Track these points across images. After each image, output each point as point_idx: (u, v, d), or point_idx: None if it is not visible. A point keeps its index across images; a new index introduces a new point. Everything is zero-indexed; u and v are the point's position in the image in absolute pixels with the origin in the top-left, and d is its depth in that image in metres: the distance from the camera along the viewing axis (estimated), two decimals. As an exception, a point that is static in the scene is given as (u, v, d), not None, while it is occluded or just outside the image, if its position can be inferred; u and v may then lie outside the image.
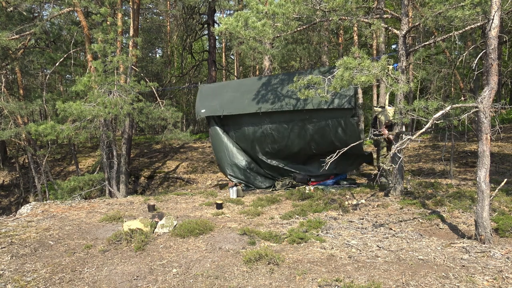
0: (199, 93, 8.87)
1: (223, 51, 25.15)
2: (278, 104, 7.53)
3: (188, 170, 14.18)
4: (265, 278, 3.31)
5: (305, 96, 5.54)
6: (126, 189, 10.20)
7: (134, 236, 4.38)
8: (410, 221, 4.94)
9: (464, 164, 9.34)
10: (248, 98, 8.02)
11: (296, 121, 7.45)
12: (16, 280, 3.50)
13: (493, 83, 3.87)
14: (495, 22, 3.83)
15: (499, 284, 3.03)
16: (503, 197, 5.53)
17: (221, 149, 8.44)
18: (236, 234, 4.46)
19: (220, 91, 8.69)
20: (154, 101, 10.59)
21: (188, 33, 18.25)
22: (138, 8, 11.86)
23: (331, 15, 5.71)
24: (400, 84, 5.20)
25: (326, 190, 6.91)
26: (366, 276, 3.26)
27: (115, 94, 8.34)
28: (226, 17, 9.07)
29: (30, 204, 6.56)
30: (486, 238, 3.91)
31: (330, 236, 4.42)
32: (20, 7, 11.21)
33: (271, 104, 7.60)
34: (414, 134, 4.10)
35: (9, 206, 14.30)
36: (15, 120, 11.24)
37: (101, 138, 9.87)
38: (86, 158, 17.56)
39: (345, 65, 4.70)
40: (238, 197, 7.15)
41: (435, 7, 5.14)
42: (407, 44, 6.00)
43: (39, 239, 4.61)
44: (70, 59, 11.79)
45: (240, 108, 7.99)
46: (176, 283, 3.32)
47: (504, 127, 11.78)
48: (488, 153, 3.91)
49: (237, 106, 8.07)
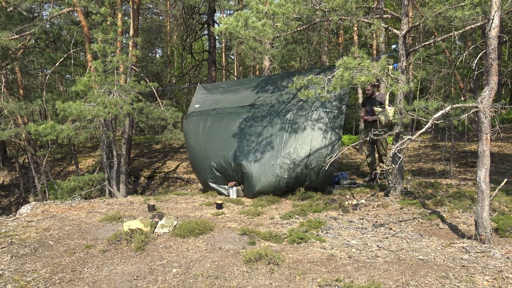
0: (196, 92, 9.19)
1: (223, 51, 25.15)
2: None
3: (188, 170, 14.18)
4: (265, 278, 3.31)
5: (305, 97, 5.54)
6: (126, 189, 10.21)
7: (134, 236, 4.38)
8: (410, 221, 4.94)
9: (464, 164, 9.34)
10: (239, 95, 8.27)
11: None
12: (16, 280, 3.50)
13: (493, 83, 3.87)
14: (495, 22, 3.83)
15: (499, 284, 3.03)
16: (503, 197, 5.53)
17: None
18: (236, 234, 4.46)
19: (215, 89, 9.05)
20: (154, 101, 10.60)
21: (188, 33, 18.25)
22: (138, 8, 11.87)
23: (331, 15, 5.71)
24: (400, 84, 5.20)
25: (326, 190, 6.91)
26: (366, 276, 3.26)
27: (115, 94, 8.34)
28: (226, 17, 9.08)
29: (30, 204, 6.56)
30: (486, 238, 3.91)
31: (330, 236, 4.43)
32: (20, 7, 11.21)
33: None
34: (414, 134, 4.10)
35: (9, 206, 14.31)
36: (15, 120, 11.24)
37: (101, 138, 9.87)
38: (86, 158, 17.57)
39: (345, 65, 4.70)
40: (238, 197, 7.15)
41: (435, 7, 5.14)
42: (407, 44, 6.00)
43: (39, 239, 4.61)
44: (70, 59, 11.80)
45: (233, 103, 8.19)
46: (176, 283, 3.32)
47: (504, 127, 11.79)
48: (488, 153, 3.91)
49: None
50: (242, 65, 27.42)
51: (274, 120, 7.22)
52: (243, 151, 7.15)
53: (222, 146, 7.54)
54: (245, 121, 7.58)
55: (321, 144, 6.65)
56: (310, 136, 6.74)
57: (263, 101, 7.72)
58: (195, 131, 8.34)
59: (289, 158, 6.67)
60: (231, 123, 7.78)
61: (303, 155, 6.63)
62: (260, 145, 7.04)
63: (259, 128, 7.29)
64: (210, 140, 7.87)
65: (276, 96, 7.64)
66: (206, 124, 8.22)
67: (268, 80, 8.29)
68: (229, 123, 7.82)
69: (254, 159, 6.92)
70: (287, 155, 6.71)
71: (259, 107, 7.65)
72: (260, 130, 7.25)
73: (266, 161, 6.80)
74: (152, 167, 15.16)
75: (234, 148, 7.30)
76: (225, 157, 7.37)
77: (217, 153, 7.57)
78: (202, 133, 8.16)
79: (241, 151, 7.18)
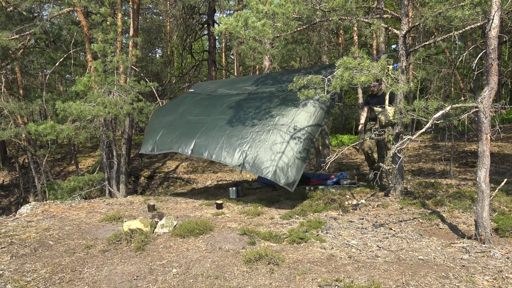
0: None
1: (223, 51, 25.16)
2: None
3: (188, 170, 14.19)
4: (265, 278, 3.31)
5: (305, 96, 5.54)
6: (126, 189, 10.21)
7: (134, 236, 4.38)
8: (410, 221, 4.94)
9: (464, 164, 9.34)
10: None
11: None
12: (16, 280, 3.50)
13: (493, 83, 3.87)
14: (495, 22, 3.83)
15: (499, 284, 3.03)
16: (503, 197, 5.53)
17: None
18: (236, 234, 4.46)
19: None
20: (154, 101, 10.61)
21: (188, 33, 18.26)
22: (138, 8, 11.87)
23: (331, 15, 5.71)
24: (400, 84, 5.20)
25: (326, 190, 6.90)
26: (366, 276, 3.26)
27: (115, 94, 8.34)
28: (226, 17, 9.10)
29: (30, 204, 6.56)
30: (486, 238, 3.91)
31: (330, 236, 4.42)
32: (20, 7, 11.21)
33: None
34: (414, 134, 4.10)
35: (9, 206, 14.30)
36: (15, 120, 11.24)
37: (101, 138, 9.87)
38: (86, 158, 17.57)
39: (345, 65, 4.70)
40: (238, 197, 7.15)
41: (435, 7, 5.14)
42: (407, 44, 6.00)
43: (39, 239, 4.61)
44: (70, 59, 11.80)
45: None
46: (176, 283, 3.32)
47: (504, 127, 11.78)
48: (488, 153, 3.91)
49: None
50: (242, 65, 27.42)
51: (274, 99, 7.16)
52: (239, 118, 6.99)
53: (217, 116, 7.37)
54: (243, 100, 7.57)
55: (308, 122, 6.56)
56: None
57: (262, 91, 7.75)
58: (187, 105, 8.25)
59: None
60: (227, 100, 7.74)
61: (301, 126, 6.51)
62: (258, 115, 6.88)
63: (258, 103, 7.23)
64: (204, 112, 7.73)
65: (275, 87, 7.66)
66: (202, 101, 8.18)
67: (267, 76, 8.35)
68: (225, 99, 7.77)
69: (251, 124, 6.73)
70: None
71: (258, 93, 7.70)
72: (258, 104, 7.17)
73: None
74: (152, 167, 15.16)
75: (230, 117, 7.14)
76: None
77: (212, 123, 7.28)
78: (195, 106, 8.05)
79: (238, 118, 7.02)
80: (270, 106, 6.95)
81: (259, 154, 6.20)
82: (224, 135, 6.73)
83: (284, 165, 6.00)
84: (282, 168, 5.98)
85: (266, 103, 7.11)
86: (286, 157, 6.06)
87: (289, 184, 5.87)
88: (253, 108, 7.08)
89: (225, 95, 8.07)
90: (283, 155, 6.07)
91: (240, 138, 6.54)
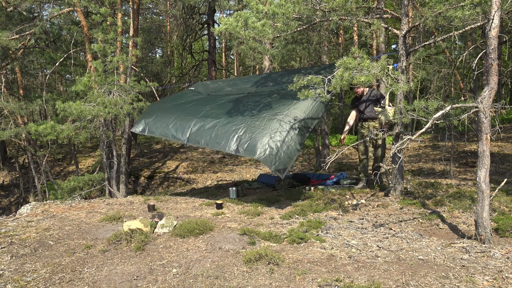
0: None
1: (223, 51, 25.18)
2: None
3: (188, 170, 14.20)
4: (265, 278, 3.31)
5: (304, 97, 5.53)
6: (126, 189, 10.21)
7: (134, 236, 4.38)
8: (410, 221, 4.94)
9: (464, 164, 9.34)
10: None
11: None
12: (16, 280, 3.50)
13: (493, 83, 3.87)
14: (495, 22, 3.83)
15: (499, 284, 3.03)
16: (503, 197, 5.53)
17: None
18: (236, 234, 4.46)
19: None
20: (154, 101, 10.61)
21: (188, 33, 18.27)
22: (138, 8, 11.88)
23: (331, 15, 5.71)
24: (400, 84, 5.20)
25: (326, 190, 6.91)
26: (366, 276, 3.26)
27: (115, 94, 8.34)
28: (226, 17, 9.12)
29: (30, 204, 6.56)
30: (486, 238, 3.91)
31: (330, 236, 4.43)
32: (20, 7, 11.21)
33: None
34: (414, 134, 4.10)
35: (9, 206, 14.31)
36: (15, 120, 11.25)
37: (101, 138, 9.87)
38: (86, 158, 17.57)
39: (345, 65, 4.70)
40: (238, 197, 7.15)
41: (435, 7, 5.14)
42: (407, 44, 6.00)
43: (39, 239, 4.61)
44: (70, 59, 11.80)
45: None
46: (176, 283, 3.32)
47: (504, 127, 11.78)
48: (488, 153, 3.91)
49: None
50: (242, 65, 27.43)
51: (273, 95, 7.22)
52: (238, 110, 7.01)
53: (215, 108, 7.36)
54: (243, 97, 7.60)
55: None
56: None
57: (262, 90, 7.78)
58: (186, 97, 8.26)
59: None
60: (226, 97, 7.75)
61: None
62: (257, 107, 6.90)
63: (257, 98, 7.25)
64: (202, 103, 7.73)
65: (276, 88, 7.71)
66: (201, 96, 8.18)
67: (267, 77, 8.38)
68: (225, 97, 7.78)
69: (250, 115, 6.75)
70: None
71: (258, 93, 7.74)
72: (258, 99, 7.19)
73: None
74: (152, 167, 15.16)
75: (228, 109, 7.14)
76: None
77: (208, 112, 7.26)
78: (193, 99, 8.05)
79: (236, 110, 7.03)
80: (269, 100, 7.02)
81: (253, 139, 6.19)
82: (219, 122, 6.74)
83: (277, 151, 6.00)
84: (275, 154, 5.97)
85: (265, 98, 7.18)
86: (280, 143, 6.06)
87: (280, 170, 5.88)
88: (252, 102, 7.14)
89: (225, 93, 8.10)
90: (277, 142, 6.08)
91: (235, 124, 6.55)
